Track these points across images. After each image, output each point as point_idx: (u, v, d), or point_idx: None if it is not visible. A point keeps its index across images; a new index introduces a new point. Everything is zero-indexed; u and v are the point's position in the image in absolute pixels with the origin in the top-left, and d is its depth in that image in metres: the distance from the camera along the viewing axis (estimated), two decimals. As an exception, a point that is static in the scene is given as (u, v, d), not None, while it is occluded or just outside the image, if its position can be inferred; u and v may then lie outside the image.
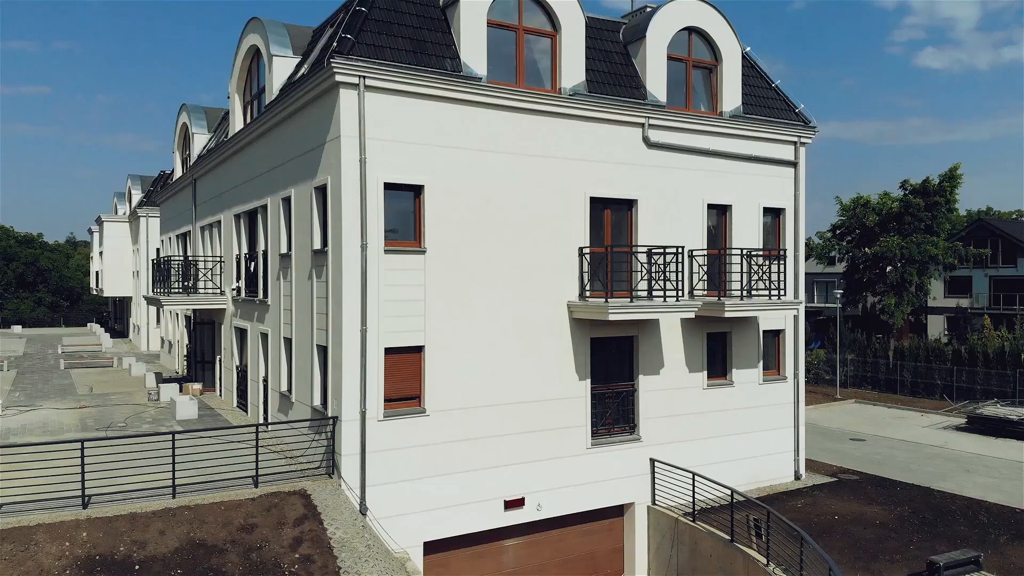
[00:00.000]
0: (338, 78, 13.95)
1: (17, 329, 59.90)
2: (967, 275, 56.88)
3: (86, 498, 12.74)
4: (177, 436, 13.75)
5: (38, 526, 11.82)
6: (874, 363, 38.72)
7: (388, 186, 14.67)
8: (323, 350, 15.40)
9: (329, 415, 14.81)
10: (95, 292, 61.31)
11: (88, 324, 65.07)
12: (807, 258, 47.21)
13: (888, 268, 49.62)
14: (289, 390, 17.54)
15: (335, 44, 14.15)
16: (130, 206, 52.72)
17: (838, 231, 54.89)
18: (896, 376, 37.51)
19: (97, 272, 58.25)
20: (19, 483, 12.42)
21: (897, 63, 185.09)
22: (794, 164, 20.06)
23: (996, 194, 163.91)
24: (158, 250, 40.25)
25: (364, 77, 14.12)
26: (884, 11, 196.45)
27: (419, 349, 15.06)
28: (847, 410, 32.91)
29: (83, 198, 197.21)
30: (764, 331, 19.74)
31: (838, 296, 40.15)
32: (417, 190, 15.03)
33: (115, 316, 65.21)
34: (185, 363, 30.04)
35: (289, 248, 17.49)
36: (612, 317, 15.64)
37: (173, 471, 13.26)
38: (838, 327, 39.03)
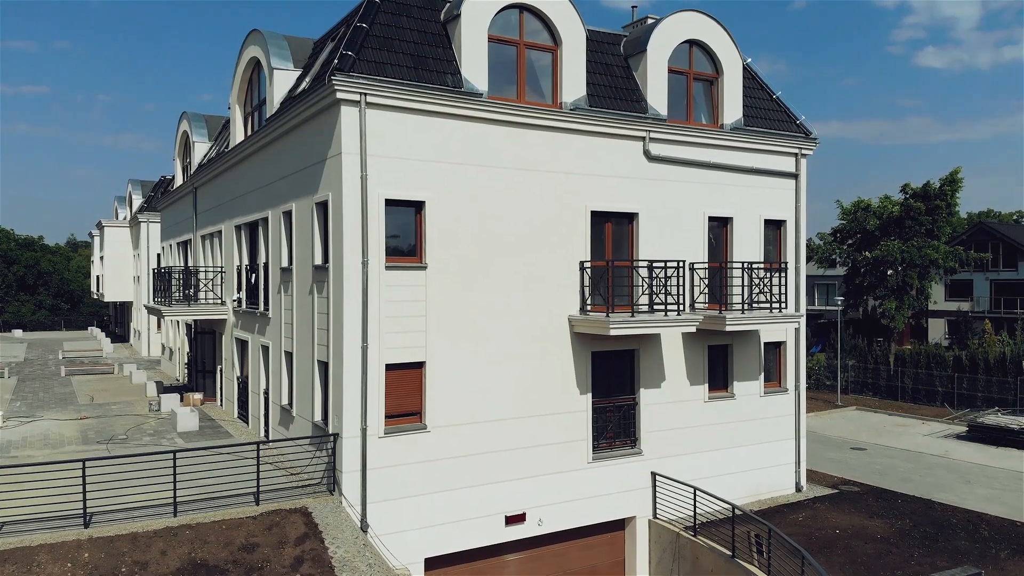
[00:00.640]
0: (339, 95, 13.95)
1: (18, 333, 59.96)
2: (968, 279, 56.86)
3: (88, 516, 12.74)
4: (178, 454, 13.75)
5: (40, 546, 11.83)
6: (875, 369, 38.70)
7: (389, 202, 14.67)
8: (324, 366, 15.40)
9: (330, 432, 14.81)
10: (96, 296, 61.35)
11: (89, 328, 65.10)
12: (808, 260, 47.28)
13: (889, 272, 49.62)
14: (290, 404, 17.54)
15: (336, 61, 14.15)
16: (131, 211, 52.76)
17: (839, 234, 54.95)
18: (897, 383, 37.49)
19: (98, 276, 58.29)
20: (21, 501, 12.42)
21: (898, 63, 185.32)
22: (795, 176, 20.06)
23: (997, 194, 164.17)
24: (159, 256, 40.26)
25: (365, 94, 14.12)
26: (884, 10, 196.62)
27: (420, 365, 15.06)
28: (848, 418, 32.91)
29: (83, 199, 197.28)
30: (765, 343, 19.74)
31: (839, 302, 40.07)
32: (418, 206, 15.03)
33: (116, 320, 65.26)
34: (186, 371, 30.04)
35: (290, 262, 17.49)
36: (613, 332, 15.63)
37: (174, 489, 13.27)
38: (839, 333, 39.01)
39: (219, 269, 23.99)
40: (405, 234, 15.07)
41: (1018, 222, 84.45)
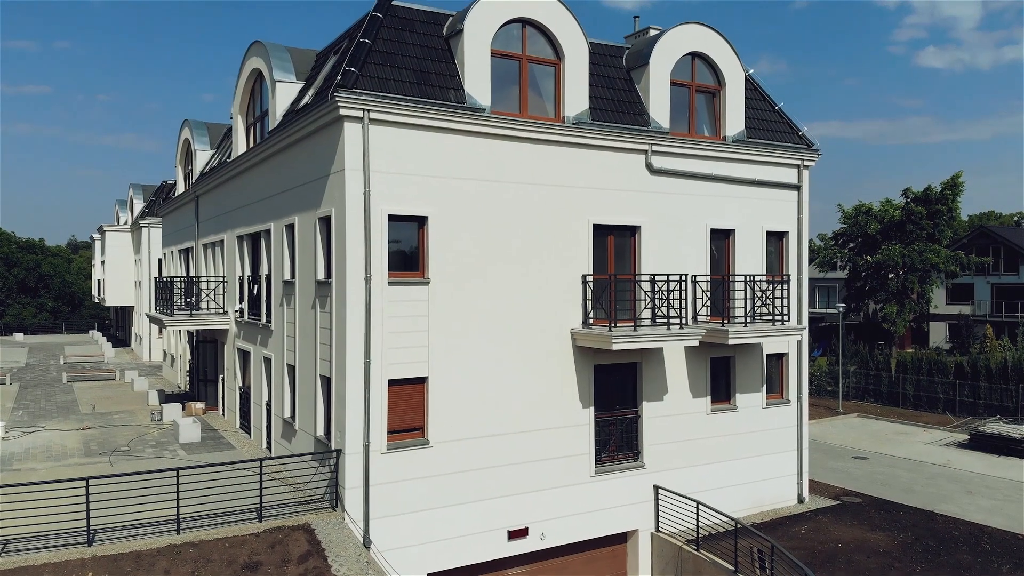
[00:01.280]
0: (342, 112, 13.96)
1: (19, 337, 59.96)
2: (969, 282, 56.86)
3: (91, 534, 12.73)
4: (181, 471, 13.75)
5: (44, 565, 11.84)
6: (876, 376, 38.69)
7: (392, 218, 14.67)
8: (326, 381, 15.40)
9: (332, 447, 14.82)
10: (97, 300, 61.35)
11: (90, 331, 65.12)
12: (808, 263, 47.06)
13: (890, 276, 49.63)
14: (292, 417, 17.54)
15: (339, 77, 14.16)
16: (131, 215, 52.75)
17: (840, 238, 54.96)
18: (898, 389, 37.47)
19: (99, 281, 58.28)
20: (24, 517, 12.43)
21: (898, 63, 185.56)
22: (797, 187, 20.05)
23: (997, 195, 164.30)
24: (160, 261, 40.26)
25: (368, 110, 14.12)
26: (885, 10, 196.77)
27: (422, 380, 15.07)
28: (849, 425, 32.90)
29: (85, 199, 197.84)
30: (767, 355, 19.73)
31: (840, 309, 40.08)
32: (421, 221, 15.03)
33: (117, 324, 65.23)
34: (187, 379, 30.04)
35: (292, 275, 17.48)
36: (616, 347, 15.61)
37: (178, 506, 13.26)
38: (840, 339, 39.00)
39: (221, 279, 23.99)
40: (408, 249, 15.08)
41: (1019, 223, 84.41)
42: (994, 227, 63.52)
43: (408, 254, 15.07)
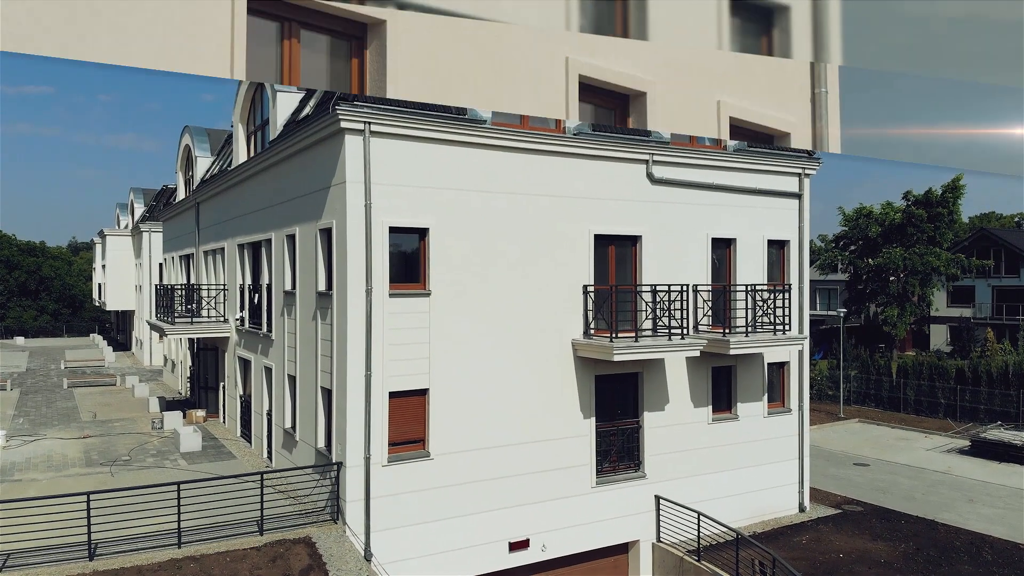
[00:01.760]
0: (343, 124, 13.95)
1: (20, 340, 59.94)
2: (970, 285, 56.84)
3: (92, 547, 12.73)
4: (182, 486, 13.74)
5: (44, 581, 11.83)
6: (877, 380, 38.64)
7: (393, 230, 14.66)
8: (327, 392, 15.39)
9: (333, 460, 14.81)
10: (98, 304, 61.35)
11: (91, 335, 65.09)
12: (809, 264, 46.68)
13: (891, 279, 49.59)
14: (293, 428, 17.53)
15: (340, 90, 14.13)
16: (132, 219, 52.76)
17: (841, 241, 54.93)
18: (899, 394, 37.44)
19: (100, 284, 58.28)
20: (26, 531, 12.41)
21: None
22: (798, 196, 20.04)
23: (998, 195, 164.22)
24: (160, 266, 40.26)
25: (369, 123, 14.11)
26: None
27: (423, 392, 15.06)
28: (850, 431, 32.87)
29: (85, 200, 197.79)
30: (769, 363, 19.72)
31: (840, 313, 40.07)
32: (422, 233, 15.02)
33: (118, 327, 65.24)
34: (188, 385, 30.04)
35: (293, 286, 17.47)
36: (617, 357, 15.60)
37: (179, 520, 13.26)
38: (841, 343, 38.97)
39: (222, 287, 23.98)
40: (409, 261, 15.06)
41: (1019, 225, 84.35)
42: (995, 229, 63.49)
43: (409, 266, 15.05)
